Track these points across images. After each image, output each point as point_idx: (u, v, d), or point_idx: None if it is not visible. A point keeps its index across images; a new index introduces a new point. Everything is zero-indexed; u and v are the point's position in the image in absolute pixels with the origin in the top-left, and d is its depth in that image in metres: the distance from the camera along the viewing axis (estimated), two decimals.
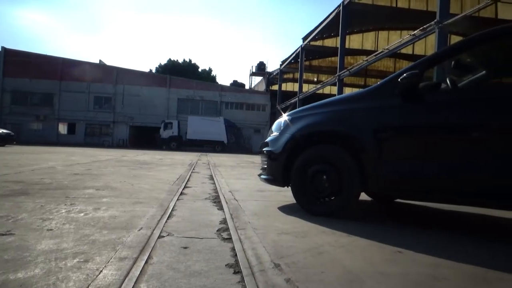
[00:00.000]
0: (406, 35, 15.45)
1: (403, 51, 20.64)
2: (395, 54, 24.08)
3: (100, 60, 39.55)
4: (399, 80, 2.68)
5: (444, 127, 2.58)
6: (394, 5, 22.51)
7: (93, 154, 13.22)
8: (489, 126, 2.44)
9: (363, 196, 3.26)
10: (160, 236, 2.15)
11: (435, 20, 10.77)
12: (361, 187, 2.84)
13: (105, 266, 1.62)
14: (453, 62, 3.33)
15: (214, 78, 57.41)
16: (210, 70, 59.59)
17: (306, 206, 3.04)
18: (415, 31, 13.21)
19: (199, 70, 56.65)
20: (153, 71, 53.25)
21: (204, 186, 4.77)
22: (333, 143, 3.03)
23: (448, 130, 2.58)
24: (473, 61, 3.45)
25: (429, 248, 2.12)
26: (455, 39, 21.28)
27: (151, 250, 1.87)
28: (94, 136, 35.28)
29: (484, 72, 3.51)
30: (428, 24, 11.53)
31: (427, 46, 25.56)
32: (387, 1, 22.44)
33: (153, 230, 2.28)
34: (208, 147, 30.85)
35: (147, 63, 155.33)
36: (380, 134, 2.76)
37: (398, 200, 3.95)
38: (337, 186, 2.88)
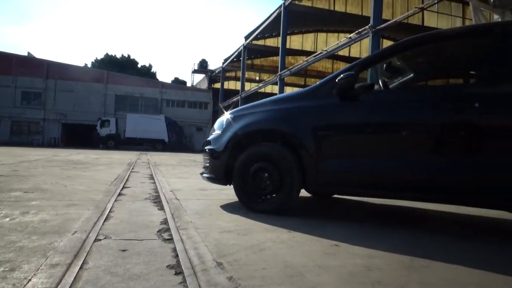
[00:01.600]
0: (343, 38, 16.18)
1: (340, 53, 21.57)
2: (333, 56, 25.10)
3: (28, 53, 36.69)
4: (336, 80, 2.81)
5: (377, 125, 2.77)
6: (332, 8, 23.42)
7: (20, 154, 12.22)
8: (416, 124, 2.65)
9: (303, 193, 3.36)
10: (96, 240, 2.04)
11: (369, 25, 11.39)
12: (301, 184, 2.93)
13: (34, 274, 1.50)
14: (384, 65, 3.56)
15: (154, 74, 55.75)
16: (150, 66, 57.78)
17: (248, 204, 3.07)
18: (351, 34, 13.86)
19: (139, 66, 54.69)
20: (89, 66, 50.46)
21: (144, 186, 4.63)
22: (274, 141, 3.09)
23: (381, 128, 2.77)
24: (403, 64, 3.71)
25: (363, 240, 2.24)
26: (387, 43, 22.69)
27: (87, 255, 1.77)
28: (21, 134, 32.60)
29: (411, 74, 3.78)
30: (363, 28, 12.16)
31: (362, 48, 26.92)
32: (325, 4, 23.29)
33: (89, 233, 2.17)
34: (148, 146, 29.92)
35: (83, 57, 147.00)
36: (319, 132, 2.87)
37: (336, 196, 4.13)
38: (278, 184, 2.94)
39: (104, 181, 5.00)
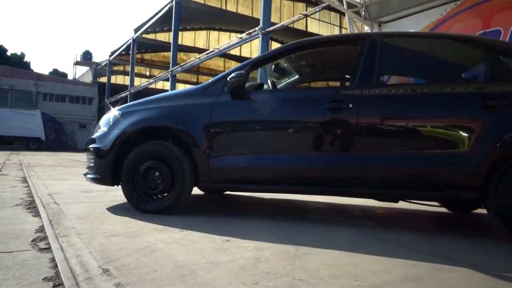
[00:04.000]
0: (235, 38, 16.52)
1: (232, 52, 22.02)
2: (225, 54, 25.45)
3: None
4: (228, 79, 2.87)
5: (265, 123, 2.93)
6: (224, 7, 23.73)
7: None
8: (300, 122, 2.86)
9: (196, 191, 3.35)
10: None
11: (259, 27, 11.85)
12: (193, 182, 2.92)
13: None
14: (273, 66, 3.75)
15: (28, 64, 49.22)
16: (23, 55, 50.81)
17: (138, 205, 2.93)
18: (242, 35, 14.25)
19: (8, 53, 47.77)
20: None
21: (15, 191, 4.08)
22: (165, 139, 3.01)
23: (269, 126, 2.94)
24: (289, 66, 3.96)
25: (253, 234, 2.33)
26: (275, 45, 23.90)
27: None
28: None
29: (297, 76, 4.06)
30: (253, 30, 12.60)
31: (253, 49, 27.90)
32: (218, 2, 23.48)
33: None
34: (21, 145, 26.37)
35: None
36: (211, 130, 2.89)
37: (228, 192, 4.21)
38: (170, 183, 2.88)
39: None
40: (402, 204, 3.29)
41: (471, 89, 2.68)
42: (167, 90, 22.87)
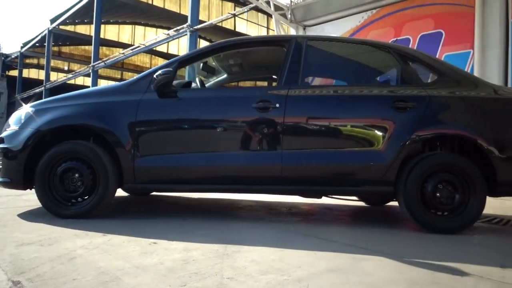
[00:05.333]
0: (162, 34, 16.04)
1: (159, 48, 21.41)
2: (151, 51, 24.66)
3: None
4: (154, 76, 2.78)
5: (193, 122, 2.90)
6: (151, 2, 22.93)
7: None
8: (227, 121, 2.87)
9: (120, 192, 3.21)
10: None
11: (187, 24, 11.65)
12: (117, 184, 2.79)
13: None
14: (201, 64, 3.72)
15: None
16: None
17: (55, 209, 2.72)
18: (170, 31, 13.91)
19: None
20: None
21: None
22: (86, 138, 2.84)
23: (196, 125, 2.91)
24: (217, 65, 3.95)
25: (181, 235, 2.30)
26: (203, 43, 23.71)
27: None
28: None
29: (225, 75, 4.08)
30: (181, 27, 12.35)
31: (180, 46, 27.37)
32: None
33: None
34: None
35: None
36: (136, 129, 2.78)
37: (154, 193, 4.09)
38: (91, 185, 2.71)
39: None
40: (325, 200, 3.47)
41: (385, 92, 2.91)
42: (88, 86, 21.51)
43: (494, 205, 3.94)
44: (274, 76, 4.04)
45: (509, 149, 2.72)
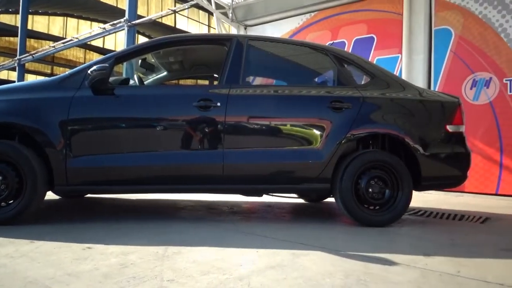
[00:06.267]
0: (97, 27, 15.24)
1: (94, 43, 20.32)
2: (85, 45, 23.34)
3: None
4: (89, 72, 2.63)
5: (130, 120, 2.79)
6: None
7: None
8: (167, 120, 2.81)
9: (50, 195, 3.00)
10: None
11: (125, 18, 11.18)
12: (47, 186, 2.60)
13: None
14: (140, 61, 3.59)
15: None
16: None
17: None
18: (106, 25, 13.26)
19: None
20: None
21: None
22: (11, 137, 2.61)
23: (134, 123, 2.81)
24: (157, 62, 3.85)
25: (118, 238, 2.21)
26: (142, 39, 22.92)
27: None
28: None
29: (165, 72, 3.98)
30: (118, 21, 11.82)
31: (117, 41, 26.21)
32: None
33: None
34: None
35: None
36: (68, 127, 2.61)
37: (89, 195, 3.88)
38: (17, 188, 2.50)
39: None
40: (266, 198, 3.53)
41: (322, 92, 3.02)
42: (13, 81, 19.79)
43: (418, 199, 4.28)
44: (215, 75, 4.02)
45: (432, 147, 2.97)
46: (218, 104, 2.74)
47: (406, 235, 2.64)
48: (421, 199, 4.40)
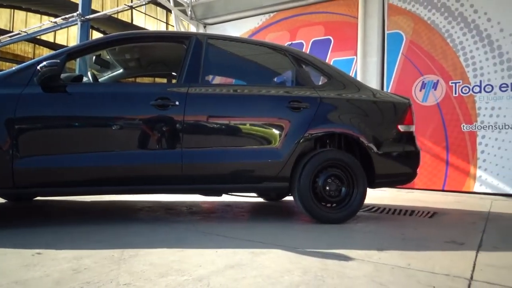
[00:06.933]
0: (47, 21, 14.48)
1: (44, 37, 19.30)
2: (35, 40, 22.08)
3: None
4: (38, 68, 2.49)
5: (84, 119, 2.67)
6: None
7: None
8: (123, 119, 2.72)
9: None
10: None
11: (78, 13, 10.73)
12: None
13: None
14: (94, 57, 3.46)
15: None
16: None
17: None
18: (57, 19, 12.64)
19: None
20: None
21: None
22: None
23: (88, 122, 2.68)
24: (113, 59, 3.72)
25: (70, 243, 2.12)
26: (97, 35, 22.06)
27: None
28: None
29: (121, 70, 3.86)
30: (70, 15, 11.31)
31: (70, 37, 25.05)
32: None
33: None
34: None
35: None
36: (15, 126, 2.46)
37: (38, 198, 3.69)
38: None
39: None
40: (225, 197, 3.52)
41: (281, 92, 3.07)
42: None
43: (372, 195, 4.45)
44: (173, 73, 3.95)
45: (384, 146, 3.10)
46: (177, 103, 2.70)
47: (361, 231, 2.73)
48: (374, 196, 4.58)
